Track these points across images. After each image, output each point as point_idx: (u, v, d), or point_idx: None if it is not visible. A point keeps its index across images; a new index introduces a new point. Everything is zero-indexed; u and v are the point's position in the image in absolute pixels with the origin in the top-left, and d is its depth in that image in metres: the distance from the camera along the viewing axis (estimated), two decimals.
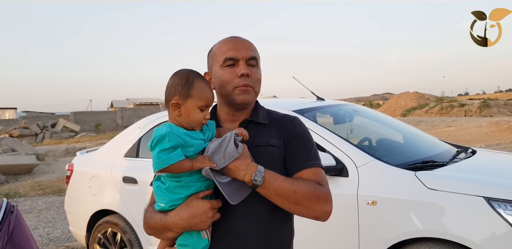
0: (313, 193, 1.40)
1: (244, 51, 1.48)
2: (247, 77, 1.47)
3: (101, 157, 4.01)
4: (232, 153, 1.34)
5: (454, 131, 14.24)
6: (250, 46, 1.52)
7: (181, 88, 1.38)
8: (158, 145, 1.32)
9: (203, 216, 1.36)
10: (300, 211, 1.41)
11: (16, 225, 2.03)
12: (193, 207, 1.37)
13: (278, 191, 1.36)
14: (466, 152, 3.30)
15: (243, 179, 1.34)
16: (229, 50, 1.49)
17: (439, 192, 2.30)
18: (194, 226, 1.37)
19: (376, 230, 2.43)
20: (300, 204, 1.39)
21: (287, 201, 1.38)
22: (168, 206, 1.41)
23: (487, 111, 21.87)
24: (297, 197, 1.38)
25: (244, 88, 1.46)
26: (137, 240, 3.46)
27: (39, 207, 7.26)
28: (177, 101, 1.39)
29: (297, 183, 1.40)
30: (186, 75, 1.40)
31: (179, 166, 1.32)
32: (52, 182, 9.54)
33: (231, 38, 1.54)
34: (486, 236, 2.15)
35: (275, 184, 1.36)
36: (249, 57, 1.49)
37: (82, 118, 37.93)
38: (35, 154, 12.85)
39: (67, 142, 20.90)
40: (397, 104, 28.29)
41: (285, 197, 1.37)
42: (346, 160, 2.60)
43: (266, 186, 1.35)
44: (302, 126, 1.57)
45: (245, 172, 1.34)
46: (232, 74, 1.47)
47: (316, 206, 1.40)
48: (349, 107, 3.85)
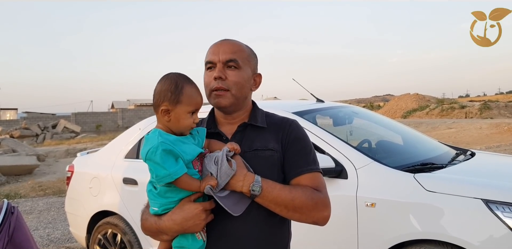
0: (311, 200, 1.40)
1: (222, 55, 1.48)
2: (221, 80, 1.46)
3: (101, 158, 4.02)
4: (227, 171, 1.34)
5: (454, 133, 14.25)
6: (231, 48, 1.50)
7: (170, 95, 1.36)
8: (154, 158, 1.30)
9: (196, 219, 1.36)
10: (298, 217, 1.42)
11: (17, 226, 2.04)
12: (185, 210, 1.37)
13: (276, 199, 1.37)
14: (465, 154, 3.31)
15: (241, 190, 1.35)
16: (210, 54, 1.51)
17: (438, 194, 2.31)
18: (187, 229, 1.37)
19: (375, 232, 2.44)
20: (298, 211, 1.40)
21: (285, 209, 1.39)
22: (161, 210, 1.41)
23: (487, 113, 21.88)
24: (295, 204, 1.38)
25: (217, 92, 1.47)
26: (137, 241, 3.47)
27: (39, 208, 7.27)
28: (167, 108, 1.37)
29: (295, 190, 1.40)
30: (175, 80, 1.38)
31: (189, 185, 1.33)
32: (53, 183, 9.55)
33: (217, 42, 1.54)
34: (484, 238, 2.16)
35: (273, 193, 1.37)
36: (226, 60, 1.48)
37: (83, 119, 37.98)
38: (36, 154, 12.87)
39: (67, 143, 20.92)
40: (397, 106, 28.30)
41: (283, 206, 1.38)
42: (345, 161, 2.61)
43: (264, 196, 1.36)
44: (300, 129, 1.56)
45: (242, 183, 1.35)
46: (210, 78, 1.48)
47: (314, 213, 1.41)
48: (349, 109, 3.86)
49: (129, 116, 39.28)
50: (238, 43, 1.55)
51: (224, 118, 1.56)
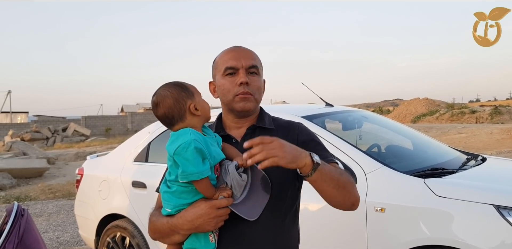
0: (350, 178, 1.43)
1: (244, 60, 1.51)
2: (246, 85, 1.50)
3: (110, 161, 4.05)
4: (240, 182, 1.36)
5: (465, 138, 14.14)
6: (250, 55, 1.55)
7: (184, 94, 1.42)
8: (184, 153, 1.30)
9: (205, 217, 1.35)
10: (344, 196, 1.40)
11: (27, 228, 2.06)
12: (196, 207, 1.37)
13: (331, 173, 1.35)
14: (476, 159, 3.28)
15: (305, 162, 1.29)
16: (230, 59, 1.52)
17: (448, 199, 2.29)
18: (198, 227, 1.36)
19: (385, 237, 2.42)
20: (345, 188, 1.39)
21: (337, 185, 1.36)
22: (174, 211, 1.41)
23: (498, 118, 21.70)
24: (344, 180, 1.39)
25: (244, 96, 1.50)
26: (146, 244, 3.47)
27: (49, 210, 7.31)
28: (192, 103, 1.42)
29: (336, 167, 1.42)
30: (169, 89, 1.43)
31: (207, 188, 1.34)
32: (63, 185, 9.61)
33: (233, 48, 1.58)
34: (495, 245, 2.13)
35: (326, 166, 1.36)
36: (249, 66, 1.52)
37: (93, 123, 38.19)
38: (46, 157, 12.96)
39: (77, 146, 21.06)
40: (407, 111, 28.17)
41: (335, 180, 1.36)
42: (355, 166, 2.60)
43: (322, 168, 1.32)
44: (309, 130, 1.61)
45: (304, 153, 1.31)
46: (232, 83, 1.51)
47: (354, 191, 1.43)
48: (358, 113, 3.85)
49: (138, 120, 39.44)
50: (252, 50, 1.60)
51: (235, 122, 1.58)
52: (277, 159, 1.23)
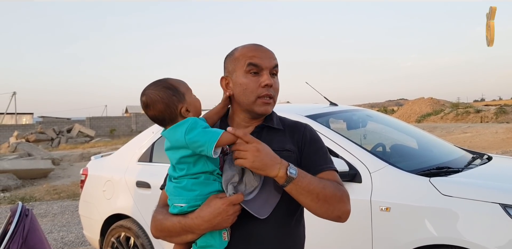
0: (338, 191, 1.40)
1: (268, 61, 1.48)
2: (270, 87, 1.48)
3: (115, 161, 4.05)
4: (252, 182, 1.36)
5: (469, 137, 14.08)
6: (272, 55, 1.52)
7: (175, 98, 1.41)
8: (198, 125, 1.34)
9: (224, 215, 1.33)
10: (326, 209, 1.39)
11: (31, 228, 2.06)
12: (212, 206, 1.34)
13: (310, 186, 1.34)
14: (482, 158, 3.26)
15: (277, 174, 1.31)
16: (255, 57, 1.48)
17: (454, 198, 2.27)
18: (216, 226, 1.35)
19: (390, 236, 2.40)
20: (327, 201, 1.37)
21: (317, 198, 1.36)
22: (188, 207, 1.38)
23: (503, 118, 21.59)
24: (326, 194, 1.37)
25: (267, 101, 1.48)
26: (150, 244, 3.47)
27: (54, 211, 7.34)
28: (183, 106, 1.42)
29: (324, 180, 1.41)
30: (160, 92, 1.41)
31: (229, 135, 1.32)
32: (67, 186, 9.64)
33: (255, 46, 1.53)
34: (502, 244, 2.11)
35: (306, 179, 1.35)
36: (273, 66, 1.50)
37: (97, 124, 38.32)
38: (51, 158, 13.01)
39: (82, 147, 21.12)
40: (412, 110, 28.10)
41: (315, 194, 1.35)
42: (360, 165, 2.59)
43: (299, 181, 1.33)
44: (314, 132, 1.59)
45: (280, 165, 1.32)
46: (256, 84, 1.47)
47: (341, 205, 1.40)
48: (363, 112, 3.83)
49: (142, 121, 39.51)
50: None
51: (246, 121, 1.56)
52: (243, 161, 1.30)
